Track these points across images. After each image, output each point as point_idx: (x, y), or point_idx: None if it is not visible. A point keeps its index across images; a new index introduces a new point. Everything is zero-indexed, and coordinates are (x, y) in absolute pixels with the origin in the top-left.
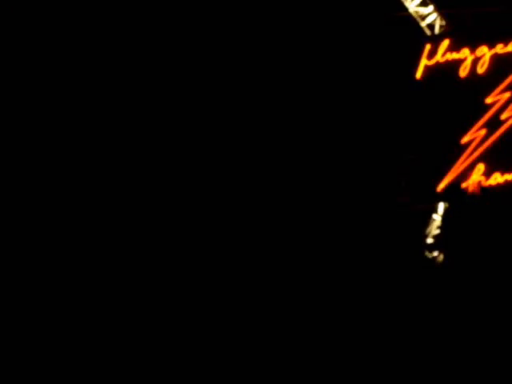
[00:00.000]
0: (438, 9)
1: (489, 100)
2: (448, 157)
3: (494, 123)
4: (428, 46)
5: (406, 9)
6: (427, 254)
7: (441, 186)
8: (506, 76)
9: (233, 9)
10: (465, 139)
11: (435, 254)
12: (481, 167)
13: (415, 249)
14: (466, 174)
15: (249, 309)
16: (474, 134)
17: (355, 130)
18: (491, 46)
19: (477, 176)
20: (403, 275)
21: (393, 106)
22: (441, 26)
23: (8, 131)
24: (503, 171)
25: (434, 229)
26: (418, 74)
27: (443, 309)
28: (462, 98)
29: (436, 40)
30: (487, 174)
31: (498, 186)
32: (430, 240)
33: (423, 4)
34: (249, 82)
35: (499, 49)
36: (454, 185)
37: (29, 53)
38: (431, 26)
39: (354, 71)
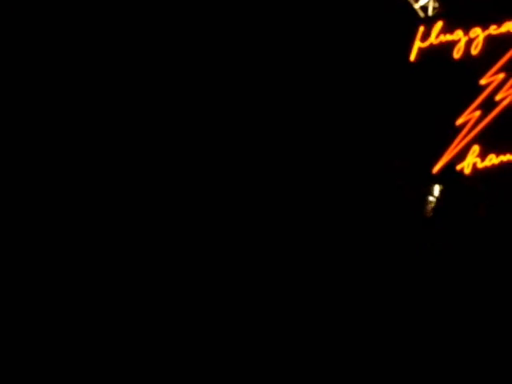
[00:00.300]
0: None
1: (483, 81)
2: (443, 138)
3: (488, 104)
4: (421, 28)
5: None
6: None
7: (436, 168)
8: (500, 57)
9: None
10: (459, 121)
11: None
12: (476, 148)
13: (410, 231)
14: (461, 155)
15: (246, 296)
16: (469, 116)
17: (348, 113)
18: (485, 27)
19: (472, 157)
20: (398, 260)
21: (386, 88)
22: (434, 8)
23: (8, 131)
24: (498, 152)
25: (429, 211)
26: (412, 57)
27: (438, 293)
28: (456, 79)
29: (429, 22)
30: (482, 155)
31: (494, 168)
32: (425, 222)
33: None
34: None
35: (493, 30)
36: (450, 166)
37: (29, 53)
38: (424, 8)
39: (347, 55)
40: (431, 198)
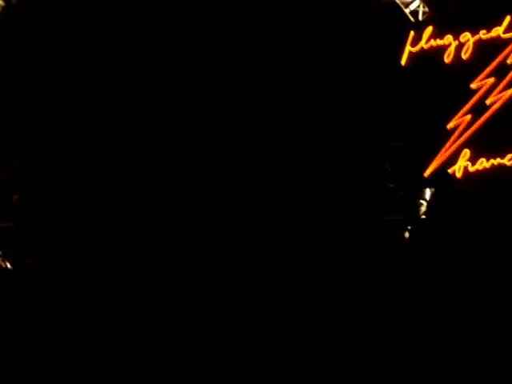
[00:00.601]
0: None
1: (474, 85)
2: (434, 142)
3: (479, 108)
4: (412, 33)
5: None
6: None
7: (428, 172)
8: (490, 61)
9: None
10: (451, 124)
11: None
12: (467, 152)
13: (402, 235)
14: (452, 159)
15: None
16: (460, 120)
17: (341, 117)
18: (474, 31)
19: (463, 161)
20: (389, 263)
21: (378, 93)
22: (424, 13)
23: (8, 131)
24: (489, 156)
25: (421, 214)
26: (403, 61)
27: (429, 295)
28: (447, 83)
29: (420, 27)
30: (473, 158)
31: (485, 171)
32: (417, 224)
33: None
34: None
35: (482, 34)
36: (441, 170)
37: (29, 53)
38: (415, 13)
39: (339, 59)
40: (423, 202)
